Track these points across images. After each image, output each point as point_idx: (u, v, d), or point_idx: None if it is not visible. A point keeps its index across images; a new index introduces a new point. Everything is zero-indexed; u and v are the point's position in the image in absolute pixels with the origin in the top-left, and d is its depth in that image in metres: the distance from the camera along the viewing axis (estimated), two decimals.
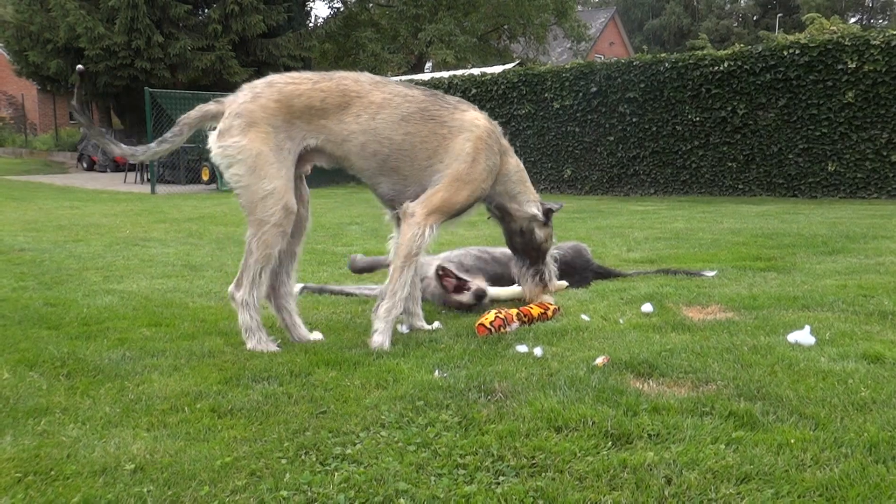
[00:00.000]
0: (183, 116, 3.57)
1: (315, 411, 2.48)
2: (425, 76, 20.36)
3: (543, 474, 1.91)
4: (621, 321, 3.70)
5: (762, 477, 1.84)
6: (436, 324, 3.83)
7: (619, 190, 15.12)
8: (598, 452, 2.04)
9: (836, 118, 12.49)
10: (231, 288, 3.53)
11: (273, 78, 3.54)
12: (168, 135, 3.55)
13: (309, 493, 1.84)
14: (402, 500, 1.77)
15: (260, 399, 2.62)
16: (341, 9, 32.17)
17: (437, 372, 2.86)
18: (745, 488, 1.79)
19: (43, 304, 4.70)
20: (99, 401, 2.69)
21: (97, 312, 4.40)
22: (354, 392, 2.66)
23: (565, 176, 15.82)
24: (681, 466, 1.92)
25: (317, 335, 3.63)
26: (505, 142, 3.83)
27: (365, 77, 3.62)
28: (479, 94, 16.84)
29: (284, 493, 1.83)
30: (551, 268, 4.03)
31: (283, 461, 2.05)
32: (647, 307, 3.94)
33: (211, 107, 3.53)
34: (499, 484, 1.87)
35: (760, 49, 13.27)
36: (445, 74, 19.13)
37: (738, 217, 9.64)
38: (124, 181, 20.68)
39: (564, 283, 4.07)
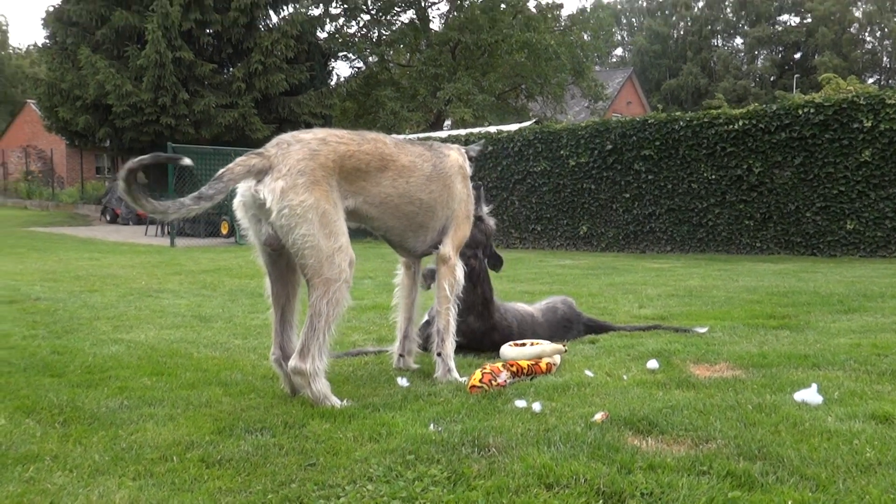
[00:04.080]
0: (224, 171, 3.26)
1: (304, 463, 2.44)
2: (443, 133, 20.62)
3: None
4: (625, 377, 3.64)
5: None
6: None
7: (635, 247, 15.07)
8: None
9: (854, 177, 12.44)
10: (294, 362, 3.29)
11: (324, 134, 3.46)
12: (209, 191, 3.17)
13: None
14: None
15: (250, 450, 2.59)
16: (362, 68, 32.87)
17: (432, 426, 2.81)
18: None
19: (50, 353, 4.72)
20: (90, 449, 2.66)
21: (102, 361, 4.41)
22: (346, 445, 2.61)
23: (581, 233, 15.81)
24: None
25: None
26: (462, 150, 4.14)
27: (389, 139, 3.76)
28: (496, 151, 17.00)
29: None
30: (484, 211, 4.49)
31: None
32: (652, 364, 3.87)
33: (255, 161, 3.28)
34: None
35: (775, 108, 13.33)
36: (462, 132, 19.36)
37: (755, 275, 9.54)
38: (145, 234, 20.95)
39: (562, 346, 4.03)
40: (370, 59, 32.39)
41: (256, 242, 3.46)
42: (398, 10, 31.80)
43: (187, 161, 3.39)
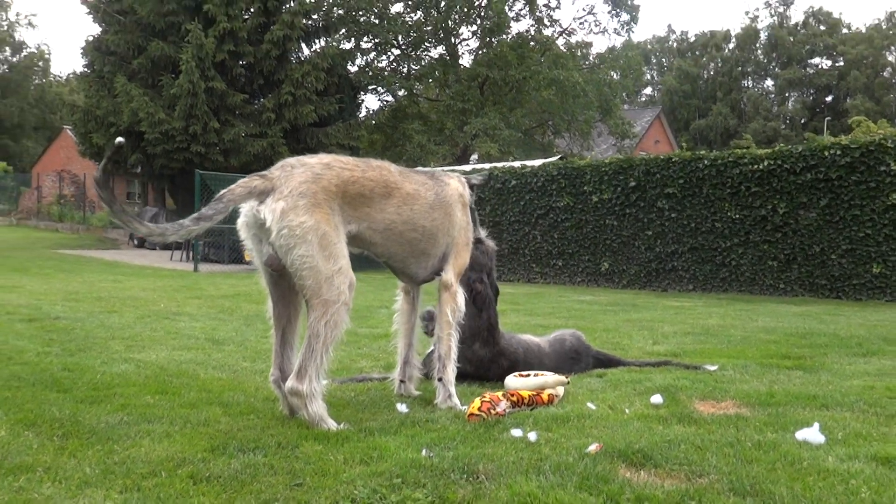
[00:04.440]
0: (225, 192, 3.30)
1: (291, 483, 2.44)
2: (467, 167, 20.75)
3: None
4: (627, 411, 3.60)
5: None
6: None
7: (656, 285, 14.94)
8: None
9: (881, 220, 12.27)
10: (291, 383, 3.30)
11: (329, 160, 3.51)
12: (208, 211, 3.24)
13: None
14: None
15: (239, 468, 2.59)
16: (390, 101, 33.28)
17: (424, 451, 2.79)
18: None
19: (61, 369, 4.78)
20: (83, 461, 2.68)
21: (109, 379, 4.45)
22: (335, 467, 2.61)
23: (602, 269, 15.73)
24: None
25: None
26: (462, 179, 4.20)
27: (394, 167, 3.82)
28: (519, 185, 17.05)
29: None
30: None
31: None
32: (656, 398, 3.82)
33: (258, 182, 3.33)
34: None
35: (801, 149, 13.24)
36: (486, 166, 19.45)
37: (775, 316, 9.41)
38: (170, 259, 21.21)
39: (565, 378, 4.01)
40: (399, 92, 32.81)
41: (258, 263, 3.50)
42: (428, 45, 32.28)
43: (119, 140, 3.40)
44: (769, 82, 66.74)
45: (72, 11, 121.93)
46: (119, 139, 3.43)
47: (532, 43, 30.57)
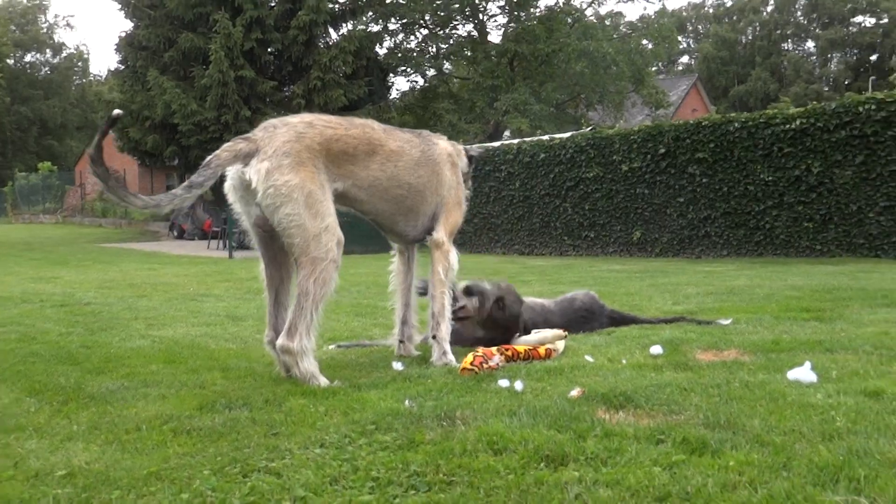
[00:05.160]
0: (212, 157, 3.32)
1: (268, 433, 2.47)
2: (496, 144, 20.62)
3: (453, 490, 1.83)
4: (624, 361, 3.56)
5: (681, 496, 1.71)
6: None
7: (690, 252, 14.71)
8: (522, 471, 1.94)
9: None
10: (281, 340, 3.34)
11: (311, 118, 3.53)
12: (198, 178, 3.24)
13: (209, 498, 1.81)
14: None
15: (221, 422, 2.63)
16: (420, 82, 33.23)
17: (407, 402, 2.80)
18: None
19: (79, 346, 4.90)
20: (73, 421, 2.76)
21: (123, 353, 4.55)
22: (314, 418, 2.63)
23: (634, 238, 15.53)
24: (599, 485, 1.80)
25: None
26: (456, 146, 4.22)
27: (378, 125, 3.80)
28: (548, 158, 16.91)
29: (185, 495, 1.82)
30: None
31: (206, 471, 2.04)
32: (656, 349, 3.77)
33: (242, 145, 3.35)
34: (400, 497, 1.80)
35: (834, 105, 12.85)
36: (515, 141, 19.32)
37: (807, 275, 9.19)
38: (207, 247, 21.57)
39: (562, 332, 3.98)
40: (428, 72, 32.70)
41: (248, 225, 3.54)
42: (455, 23, 32.05)
43: (118, 111, 3.37)
44: (810, 44, 64.79)
45: (107, 10, 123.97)
46: (117, 111, 3.42)
47: (560, 14, 30.12)
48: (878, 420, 2.27)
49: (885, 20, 58.53)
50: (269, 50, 25.64)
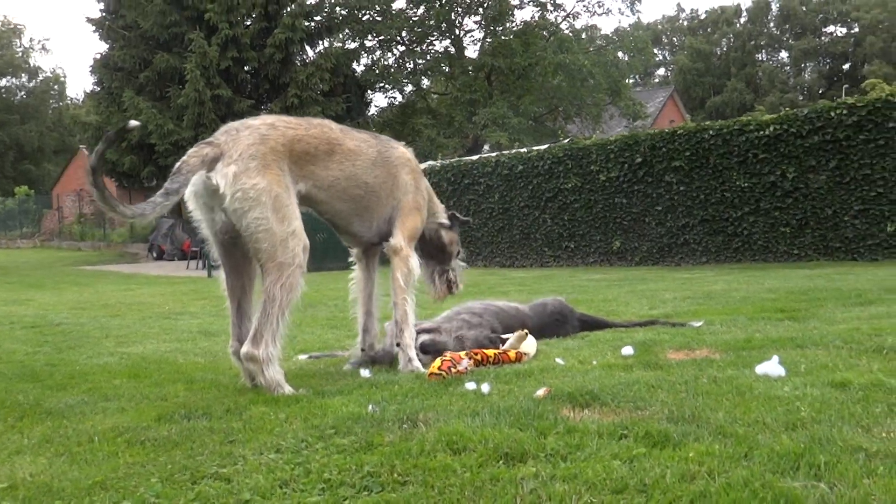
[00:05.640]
0: (181, 164, 3.25)
1: (224, 440, 2.40)
2: (474, 157, 20.64)
3: (406, 489, 1.77)
4: (594, 362, 3.52)
5: (638, 487, 1.66)
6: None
7: (670, 260, 14.74)
8: (479, 469, 1.88)
9: (892, 177, 11.97)
10: (246, 348, 3.26)
11: (272, 120, 3.49)
12: (173, 185, 3.17)
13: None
14: None
15: (178, 431, 2.56)
16: (398, 98, 33.26)
17: (371, 407, 2.74)
18: (610, 497, 1.61)
19: (44, 364, 4.80)
20: (26, 435, 2.67)
21: (88, 369, 4.45)
22: (273, 425, 2.56)
23: (614, 248, 15.56)
24: (556, 479, 1.75)
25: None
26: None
27: (335, 125, 3.78)
28: (526, 170, 16.94)
29: (127, 503, 1.75)
30: (458, 271, 4.35)
31: (154, 480, 1.97)
32: (627, 350, 3.73)
33: (207, 150, 3.28)
34: (351, 498, 1.74)
35: (806, 111, 12.97)
36: (493, 154, 19.35)
37: (784, 279, 9.22)
38: (187, 268, 21.38)
39: (523, 332, 3.94)
40: (406, 88, 32.75)
41: (209, 233, 3.47)
42: (432, 39, 32.16)
43: (134, 123, 3.37)
44: (784, 54, 65.63)
45: (83, 32, 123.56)
46: (133, 122, 3.45)
47: (537, 29, 30.32)
48: (843, 409, 2.24)
49: (857, 29, 59.47)
50: (245, 68, 25.60)
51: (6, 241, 41.23)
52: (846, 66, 60.54)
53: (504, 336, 4.04)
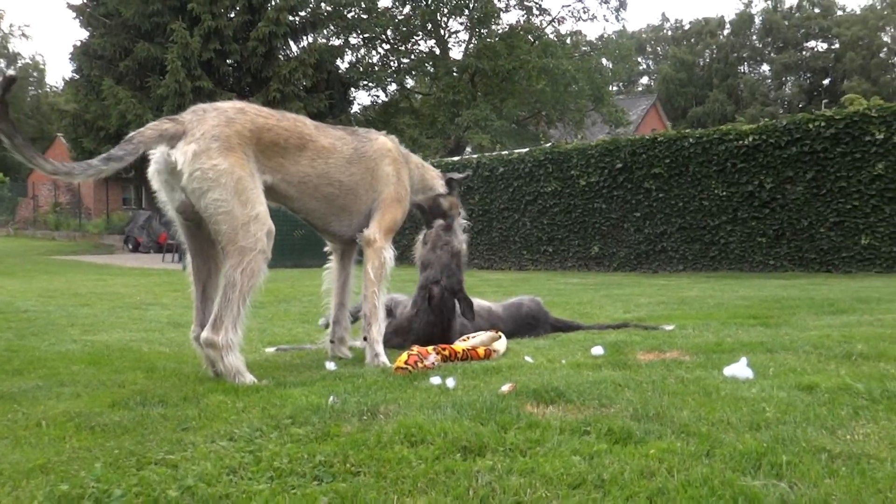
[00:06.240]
0: (135, 134, 3.17)
1: (177, 428, 2.33)
2: (455, 158, 20.61)
3: (357, 478, 1.71)
4: (563, 361, 3.47)
5: (595, 483, 1.61)
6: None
7: (647, 267, 14.79)
8: (434, 461, 1.83)
9: (867, 190, 12.10)
10: (206, 334, 3.19)
11: (243, 105, 3.44)
12: (118, 151, 3.04)
13: (90, 489, 1.67)
14: (179, 495, 1.60)
15: (131, 418, 2.48)
16: (381, 97, 33.13)
17: (332, 398, 2.67)
18: (566, 492, 1.56)
19: (3, 349, 4.67)
20: None
21: (49, 356, 4.34)
22: (229, 413, 2.49)
23: (592, 253, 15.59)
24: (513, 473, 1.70)
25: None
26: (403, 149, 4.07)
27: (310, 121, 3.71)
28: (506, 172, 16.92)
29: (64, 487, 1.68)
30: (458, 230, 4.36)
31: (98, 465, 1.89)
32: (597, 350, 3.70)
33: (168, 126, 3.19)
34: (300, 487, 1.67)
35: (785, 122, 13.07)
36: (475, 156, 19.33)
37: (758, 288, 9.26)
38: (162, 260, 21.15)
39: (496, 333, 3.90)
40: (389, 87, 32.64)
41: (172, 213, 3.39)
42: (417, 38, 32.08)
43: (10, 73, 3.17)
44: (765, 67, 66.31)
45: (64, 19, 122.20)
46: (11, 73, 3.18)
47: (521, 32, 30.33)
48: (809, 411, 2.21)
49: (837, 45, 60.21)
50: (227, 61, 25.37)
51: None
52: (826, 81, 61.28)
53: (472, 335, 3.99)
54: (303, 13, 27.11)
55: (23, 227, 38.99)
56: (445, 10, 30.83)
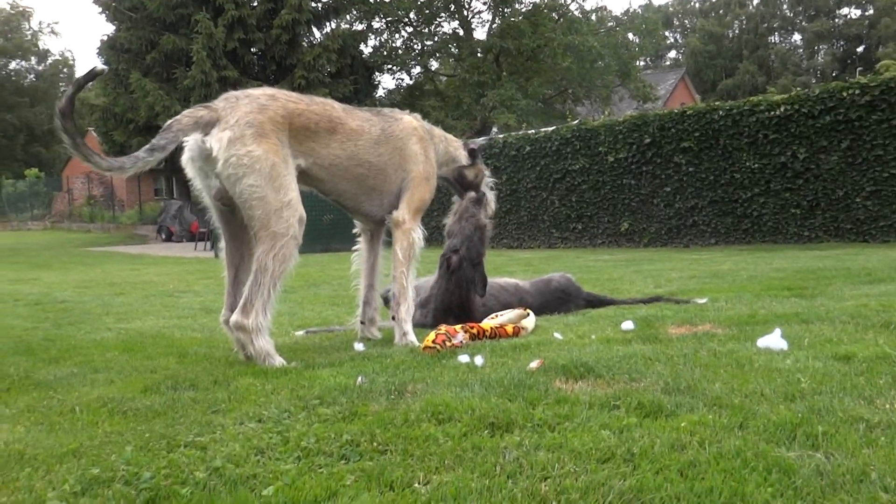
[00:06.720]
0: (172, 122, 3.21)
1: (207, 410, 2.34)
2: (481, 139, 20.53)
3: (384, 457, 1.71)
4: (593, 336, 3.44)
5: (625, 456, 1.59)
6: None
7: (678, 241, 14.61)
8: (462, 438, 1.81)
9: None
10: (236, 317, 3.21)
11: (274, 92, 3.45)
12: (160, 141, 3.11)
13: (120, 471, 1.69)
14: (207, 476, 1.60)
15: (163, 402, 2.50)
16: (406, 81, 33.06)
17: (360, 379, 2.67)
18: (595, 466, 1.54)
19: (42, 339, 4.76)
20: (10, 406, 2.62)
21: (84, 344, 4.40)
22: (258, 395, 2.50)
23: (622, 229, 15.43)
24: (540, 449, 1.68)
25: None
26: (427, 125, 4.06)
27: (338, 104, 3.70)
28: (533, 151, 16.79)
29: (95, 470, 1.70)
30: (489, 196, 4.35)
31: (128, 448, 1.91)
32: (627, 325, 3.66)
33: (203, 113, 3.25)
34: (326, 466, 1.67)
35: (818, 91, 12.77)
36: (501, 135, 19.21)
37: (792, 259, 9.10)
38: (195, 249, 21.39)
39: (525, 311, 3.87)
40: (414, 70, 32.55)
41: (208, 200, 3.42)
42: (440, 20, 31.89)
43: (102, 67, 3.30)
44: (797, 37, 64.85)
45: (91, 14, 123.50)
46: (101, 66, 3.37)
47: (545, 10, 29.98)
48: (845, 381, 2.15)
49: (871, 11, 58.63)
50: (252, 50, 25.46)
51: (17, 223, 41.43)
52: (860, 49, 59.76)
53: (501, 312, 3.97)
54: None
55: (59, 220, 39.70)
56: None
